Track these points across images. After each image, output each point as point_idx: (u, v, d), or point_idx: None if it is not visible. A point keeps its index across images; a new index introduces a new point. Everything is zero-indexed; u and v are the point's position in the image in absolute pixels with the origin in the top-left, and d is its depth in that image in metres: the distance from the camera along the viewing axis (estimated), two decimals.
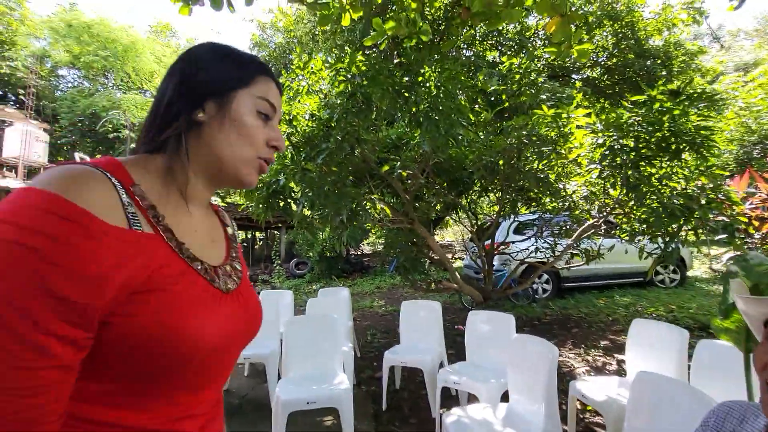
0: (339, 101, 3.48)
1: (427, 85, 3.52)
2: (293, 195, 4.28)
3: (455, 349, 4.03)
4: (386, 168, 3.98)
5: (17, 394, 0.38)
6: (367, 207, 3.60)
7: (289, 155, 3.85)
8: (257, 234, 16.81)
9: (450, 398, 3.04)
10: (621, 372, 3.38)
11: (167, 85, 0.58)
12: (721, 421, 0.81)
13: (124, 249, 0.45)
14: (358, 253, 14.47)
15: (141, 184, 0.53)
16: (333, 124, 3.55)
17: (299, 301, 6.31)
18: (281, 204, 4.18)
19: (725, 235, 3.57)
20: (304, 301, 3.99)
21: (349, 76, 3.51)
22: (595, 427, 2.60)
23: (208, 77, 0.58)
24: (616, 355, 3.79)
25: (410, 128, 4.07)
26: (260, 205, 4.04)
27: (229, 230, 0.72)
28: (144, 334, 0.46)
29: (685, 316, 4.83)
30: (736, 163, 11.64)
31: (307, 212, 4.22)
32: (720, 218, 3.54)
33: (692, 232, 3.54)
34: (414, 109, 3.42)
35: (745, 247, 3.75)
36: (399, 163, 3.89)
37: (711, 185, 3.48)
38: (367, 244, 15.69)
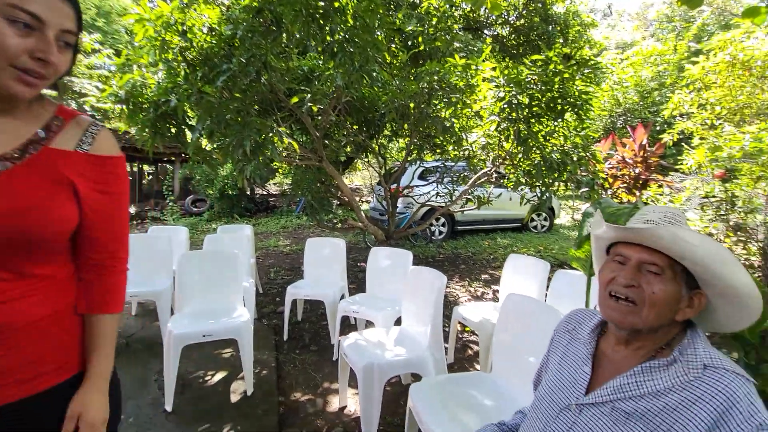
0: (243, 17, 3.09)
1: (344, 13, 3.29)
2: (188, 121, 3.82)
3: (357, 284, 4.26)
4: (295, 100, 3.75)
5: None
6: (274, 140, 3.39)
7: (182, 73, 3.37)
8: (145, 167, 14.90)
9: (349, 327, 3.25)
10: (496, 299, 3.96)
11: None
12: (567, 323, 1.02)
13: None
14: (264, 192, 13.87)
15: None
16: (236, 43, 3.17)
17: (196, 240, 5.91)
18: (173, 130, 3.70)
19: (587, 189, 4.24)
20: (201, 240, 3.74)
21: None
22: (471, 344, 3.06)
23: None
24: (493, 286, 4.41)
25: (323, 60, 3.84)
26: (146, 130, 3.52)
27: (41, 134, 0.71)
28: None
29: (549, 255, 5.76)
30: (603, 131, 13.62)
31: (204, 143, 3.83)
32: (585, 174, 4.18)
33: (563, 184, 4.13)
34: (328, 39, 3.21)
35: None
36: (309, 96, 3.69)
37: (583, 145, 4.03)
38: (274, 184, 15.06)
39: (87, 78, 11.65)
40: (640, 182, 4.47)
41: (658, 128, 10.91)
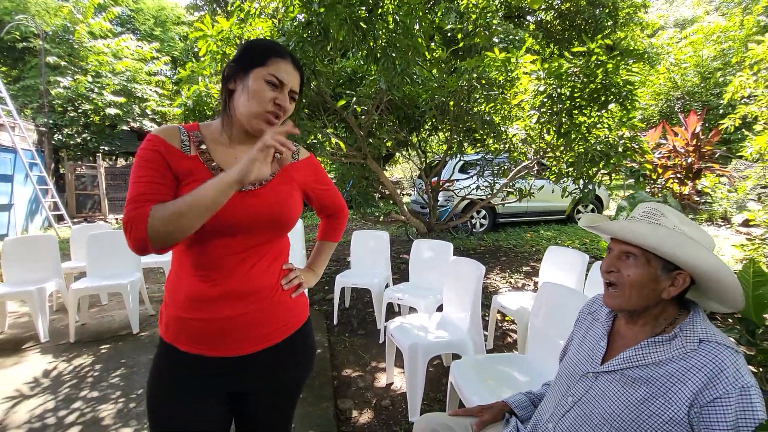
0: (294, 29, 3.36)
1: (386, 18, 3.47)
2: None
3: (399, 275, 4.48)
4: (342, 103, 3.99)
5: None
6: (322, 140, 3.66)
7: None
8: None
9: (393, 313, 3.49)
10: (536, 290, 4.02)
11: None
12: (590, 307, 1.17)
13: (176, 157, 0.91)
14: None
15: (202, 132, 0.98)
16: None
17: None
18: None
19: (633, 180, 4.15)
20: None
21: (305, 1, 3.35)
22: (511, 332, 3.18)
23: (239, 62, 0.94)
24: (534, 278, 4.46)
25: (366, 63, 4.05)
26: None
27: (278, 156, 1.01)
28: None
29: (594, 247, 5.66)
30: (660, 116, 12.78)
31: None
32: (631, 165, 4.09)
33: (608, 176, 4.08)
34: (372, 44, 3.41)
35: (647, 190, 4.39)
36: (354, 98, 3.92)
37: (629, 135, 3.96)
38: None
39: (147, 83, 12.67)
40: (692, 172, 4.29)
41: (721, 112, 10.13)
